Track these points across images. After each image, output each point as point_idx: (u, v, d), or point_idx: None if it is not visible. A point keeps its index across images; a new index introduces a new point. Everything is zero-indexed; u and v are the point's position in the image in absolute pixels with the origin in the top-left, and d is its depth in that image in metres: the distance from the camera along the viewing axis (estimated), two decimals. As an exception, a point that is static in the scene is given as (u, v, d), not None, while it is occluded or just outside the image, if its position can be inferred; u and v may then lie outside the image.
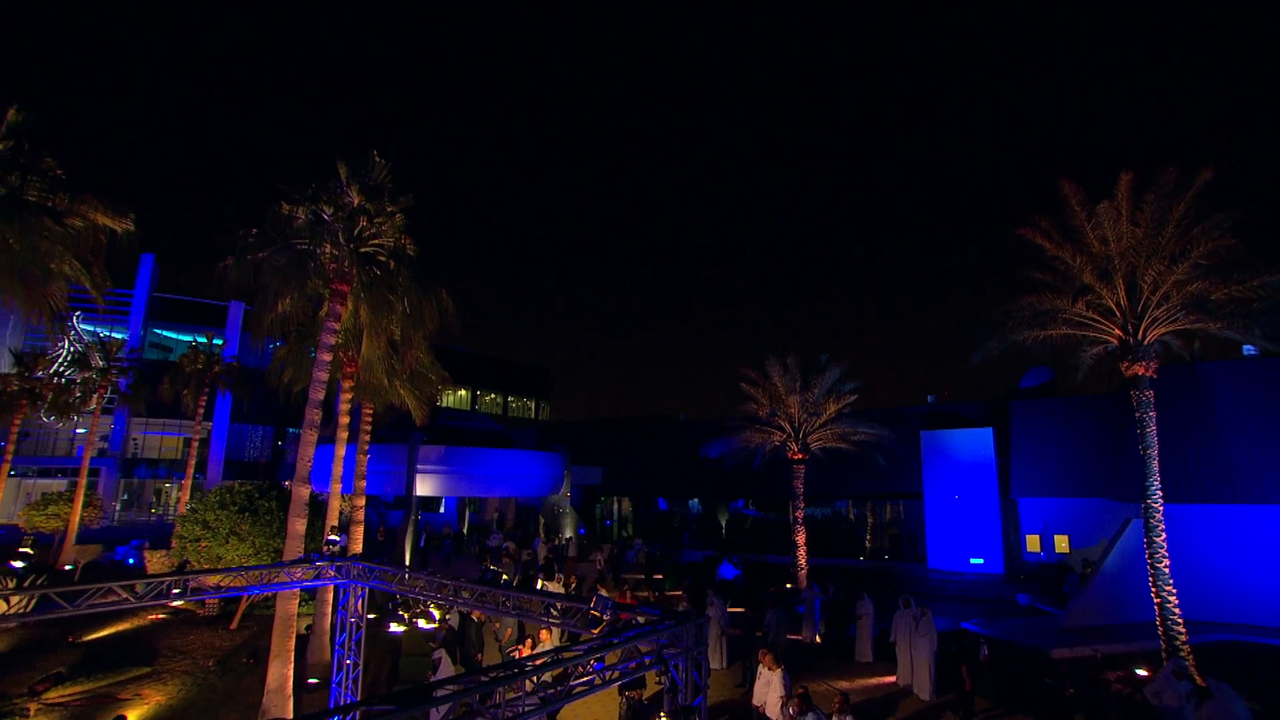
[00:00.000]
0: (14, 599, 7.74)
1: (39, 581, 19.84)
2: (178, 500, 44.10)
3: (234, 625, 18.95)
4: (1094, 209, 15.08)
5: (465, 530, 37.73)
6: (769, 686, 11.38)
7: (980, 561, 25.78)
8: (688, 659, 7.25)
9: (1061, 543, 25.01)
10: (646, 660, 7.05)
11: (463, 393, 60.26)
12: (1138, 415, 15.09)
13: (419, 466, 25.53)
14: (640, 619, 7.51)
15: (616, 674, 6.66)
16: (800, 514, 22.57)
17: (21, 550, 20.01)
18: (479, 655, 15.28)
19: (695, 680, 7.32)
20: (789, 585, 22.59)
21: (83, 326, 39.32)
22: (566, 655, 5.86)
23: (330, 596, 16.42)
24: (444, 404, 51.87)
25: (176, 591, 9.24)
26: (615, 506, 40.16)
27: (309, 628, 16.34)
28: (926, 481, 27.61)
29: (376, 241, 12.86)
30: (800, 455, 22.52)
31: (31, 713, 12.58)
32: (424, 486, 26.36)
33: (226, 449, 45.10)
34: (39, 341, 36.16)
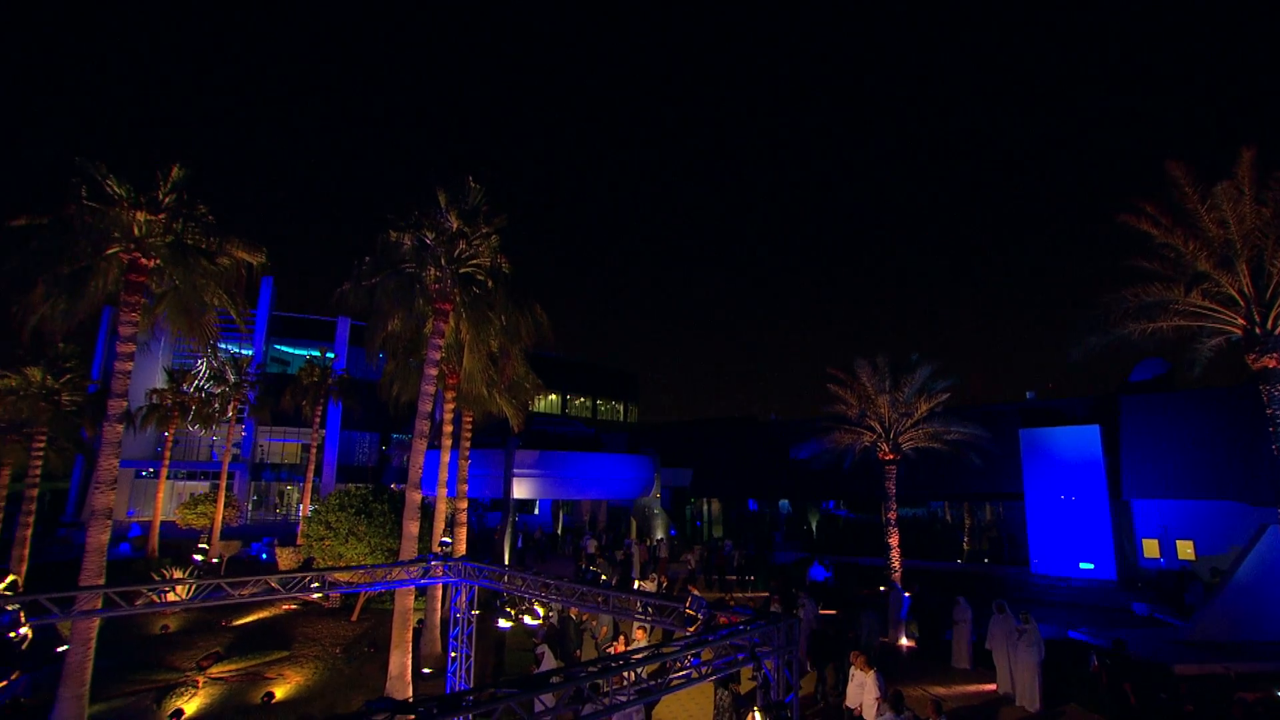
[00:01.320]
0: (186, 586, 9.01)
1: (192, 573, 22.29)
2: (298, 501, 47.88)
3: (354, 617, 20.63)
4: (1210, 190, 14.20)
5: (560, 532, 39.04)
6: (862, 688, 11.47)
7: (1090, 567, 24.46)
8: (779, 657, 7.57)
9: (1185, 548, 23.37)
10: (740, 657, 7.42)
11: (553, 397, 62.14)
12: (1269, 413, 14.07)
13: (515, 470, 26.77)
14: (733, 618, 7.90)
15: (709, 670, 7.08)
16: (893, 515, 22.18)
17: (200, 546, 22.68)
18: (577, 652, 16.02)
19: (787, 678, 7.63)
20: (882, 588, 22.26)
21: (214, 343, 43.32)
22: (666, 650, 6.34)
23: (440, 593, 17.64)
24: (535, 409, 53.76)
25: (315, 585, 10.39)
26: (705, 508, 40.47)
27: (420, 622, 17.57)
28: (1027, 482, 26.45)
29: (475, 262, 13.82)
30: (891, 456, 22.14)
31: (200, 684, 14.32)
32: (520, 489, 27.60)
33: (338, 454, 48.51)
34: (183, 360, 40.26)
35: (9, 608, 5.91)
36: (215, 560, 27.80)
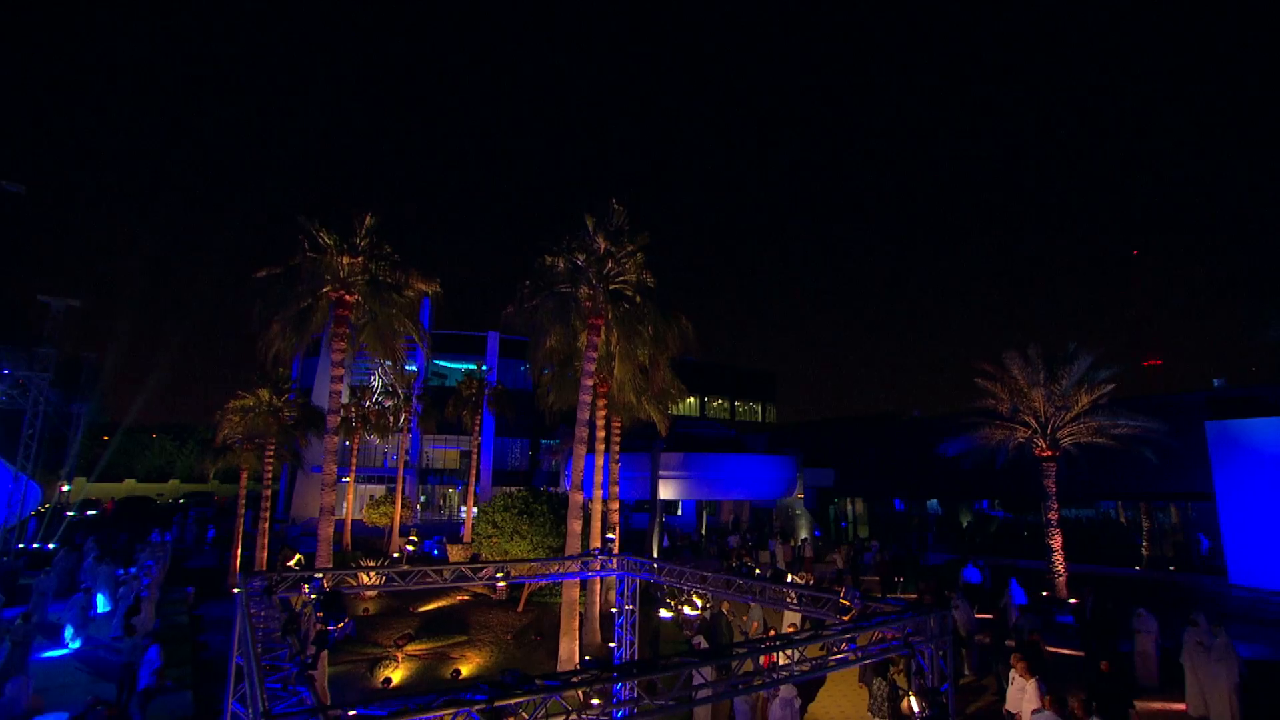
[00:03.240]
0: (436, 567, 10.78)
1: (382, 563, 25.18)
2: (459, 503, 52.18)
3: (520, 608, 22.58)
4: None
5: (704, 532, 39.92)
6: (1023, 693, 11.27)
7: (1307, 578, 21.62)
8: (933, 647, 7.91)
9: None
10: (894, 644, 7.84)
11: (690, 400, 63.26)
12: None
13: (661, 473, 27.97)
14: (885, 609, 8.33)
15: (864, 655, 7.56)
16: (1054, 515, 21.04)
17: (410, 539, 25.92)
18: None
19: (941, 667, 7.95)
20: (1045, 593, 21.14)
21: (386, 363, 48.37)
22: (824, 633, 6.96)
23: (598, 587, 19.01)
24: (674, 412, 54.93)
25: (500, 575, 11.89)
26: (849, 508, 39.82)
27: (580, 614, 19.07)
28: (1218, 480, 23.84)
29: (622, 279, 15.01)
30: (1049, 452, 21.03)
31: (399, 659, 16.54)
32: (666, 491, 28.77)
33: (493, 459, 52.33)
34: (358, 378, 45.38)
35: (316, 575, 7.64)
36: (395, 555, 31.21)
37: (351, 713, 4.36)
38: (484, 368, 41.93)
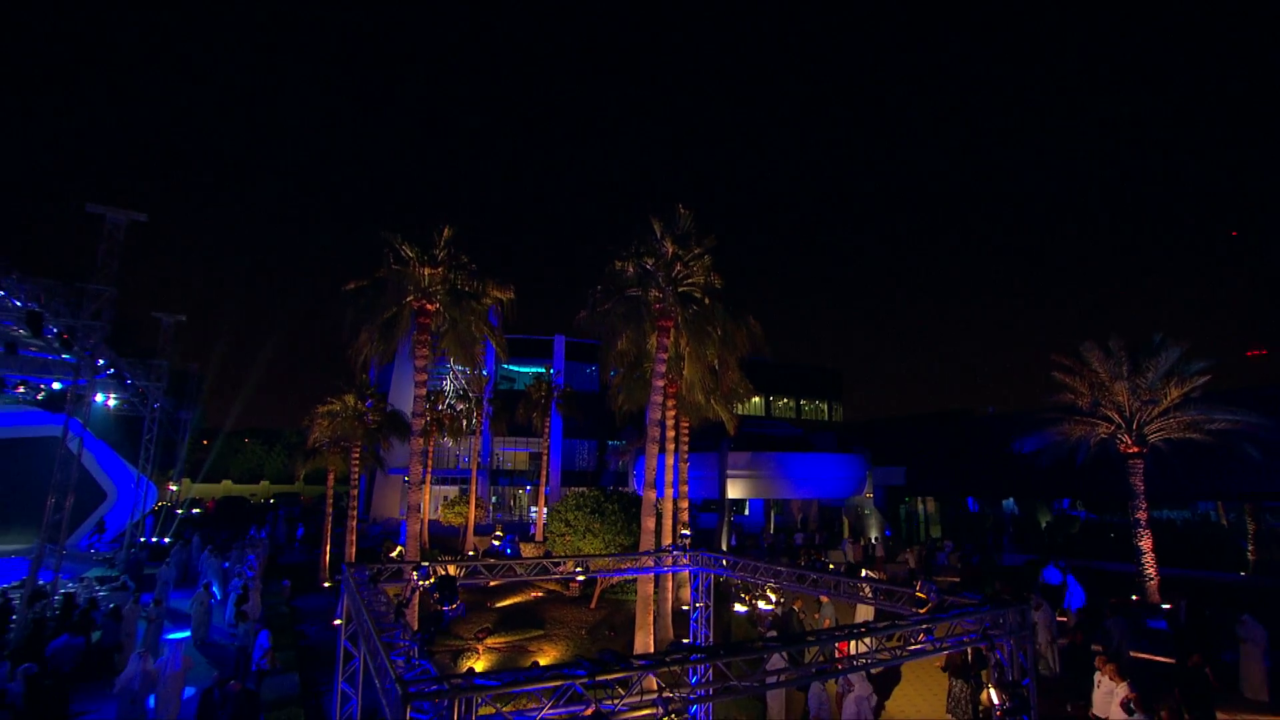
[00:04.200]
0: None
1: (460, 559, 26.22)
2: (528, 504, 53.51)
3: (593, 605, 23.17)
4: None
5: (772, 530, 39.80)
6: (1111, 697, 11.03)
7: None
8: (1013, 641, 7.91)
9: None
10: (971, 637, 7.88)
11: (756, 400, 62.95)
12: None
13: (729, 471, 28.18)
14: (964, 601, 8.35)
15: (943, 646, 7.65)
16: (1142, 516, 20.18)
17: (496, 534, 27.03)
18: (802, 641, 16.88)
19: (1021, 662, 7.94)
20: (1135, 597, 20.29)
21: (457, 368, 50.19)
22: (900, 622, 7.11)
23: (670, 584, 19.38)
24: (740, 412, 54.88)
25: (580, 569, 12.42)
26: (920, 507, 38.98)
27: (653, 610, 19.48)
28: (1333, 479, 22.35)
29: (690, 281, 15.36)
30: (1135, 449, 20.18)
31: (480, 651, 17.33)
32: (734, 490, 28.95)
33: (561, 460, 53.43)
34: (434, 383, 47.22)
35: (423, 563, 8.32)
36: (470, 553, 32.40)
37: (476, 681, 4.84)
38: (551, 371, 42.96)
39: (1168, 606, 18.25)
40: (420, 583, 7.86)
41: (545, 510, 33.31)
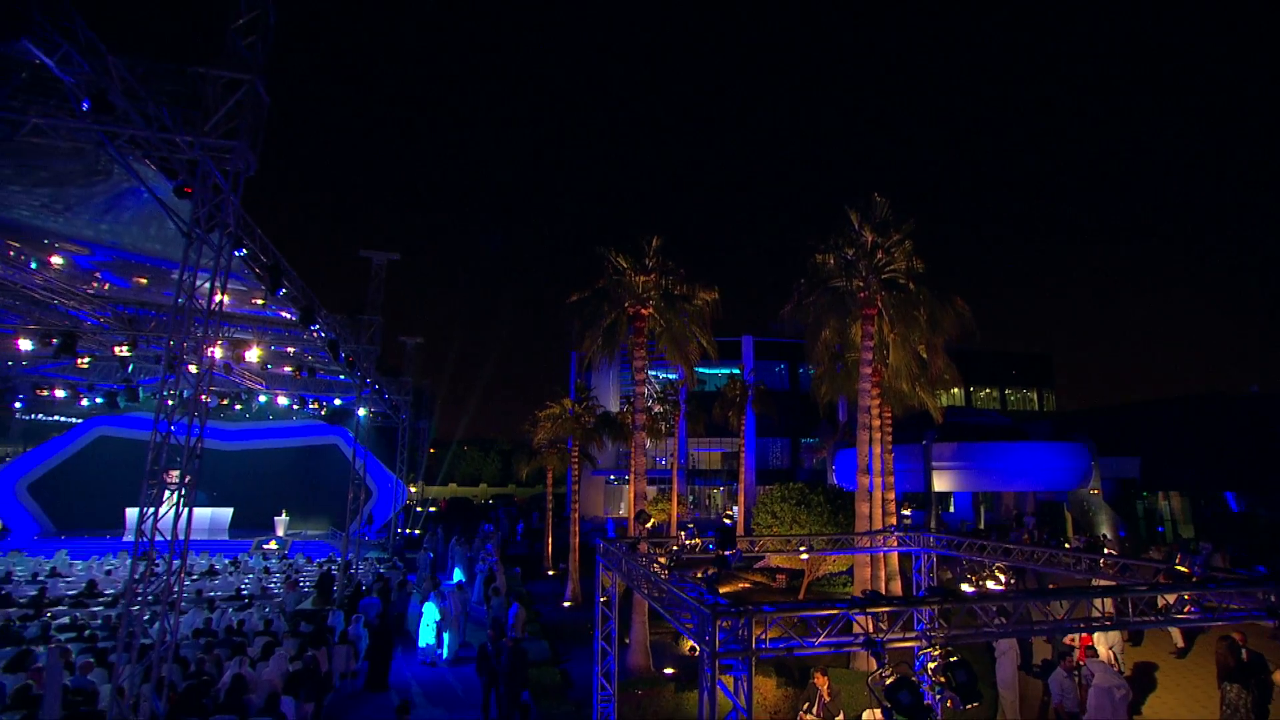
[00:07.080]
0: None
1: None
2: (721, 503, 54.69)
3: (801, 595, 23.58)
4: None
5: (982, 526, 37.43)
6: None
7: None
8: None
9: None
10: (1253, 614, 7.33)
11: (955, 391, 59.13)
12: None
13: (934, 463, 27.21)
14: (1238, 576, 7.87)
15: (1200, 616, 7.30)
16: None
17: (688, 526, 28.93)
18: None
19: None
20: None
21: (650, 372, 52.75)
22: (1160, 587, 7.04)
23: (882, 574, 19.28)
24: (942, 402, 51.72)
25: (804, 548, 13.16)
26: (1165, 504, 34.53)
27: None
28: None
29: (892, 268, 15.49)
30: None
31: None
32: (940, 482, 27.88)
33: (755, 459, 53.98)
34: (627, 389, 50.07)
35: (689, 524, 9.66)
36: (675, 548, 34.03)
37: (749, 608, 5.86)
38: (742, 370, 43.95)
39: None
40: (689, 541, 9.06)
41: (744, 506, 34.16)
